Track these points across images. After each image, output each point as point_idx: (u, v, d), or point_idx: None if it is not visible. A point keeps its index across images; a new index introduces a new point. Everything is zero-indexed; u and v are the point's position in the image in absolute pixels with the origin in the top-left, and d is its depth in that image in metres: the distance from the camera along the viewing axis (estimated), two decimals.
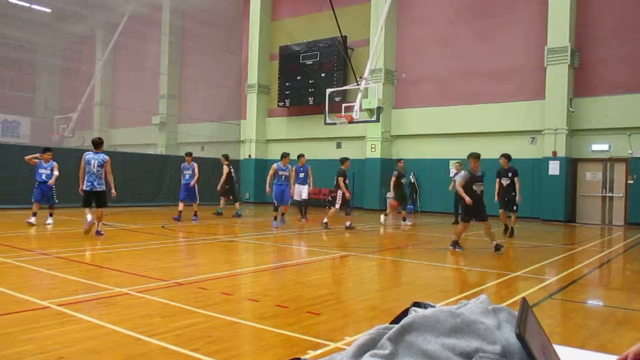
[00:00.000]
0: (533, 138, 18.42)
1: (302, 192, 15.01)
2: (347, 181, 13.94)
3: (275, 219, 13.59)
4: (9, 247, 8.61)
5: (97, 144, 10.86)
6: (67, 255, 7.96)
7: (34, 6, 28.06)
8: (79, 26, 30.43)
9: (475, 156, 9.60)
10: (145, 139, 28.57)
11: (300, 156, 15.13)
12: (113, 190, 10.70)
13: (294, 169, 14.78)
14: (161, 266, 7.32)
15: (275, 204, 13.79)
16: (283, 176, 13.87)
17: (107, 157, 10.64)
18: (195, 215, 15.09)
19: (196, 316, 4.62)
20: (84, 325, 4.25)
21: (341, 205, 13.76)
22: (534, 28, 18.29)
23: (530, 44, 18.34)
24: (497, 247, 9.37)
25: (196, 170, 15.22)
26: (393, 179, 15.16)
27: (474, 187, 9.43)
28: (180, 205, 15.00)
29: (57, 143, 25.25)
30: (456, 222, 15.70)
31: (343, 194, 13.70)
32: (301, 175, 14.92)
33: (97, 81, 29.17)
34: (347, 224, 13.67)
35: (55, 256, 7.80)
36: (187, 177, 15.20)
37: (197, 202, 15.37)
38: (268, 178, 14.03)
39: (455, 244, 9.65)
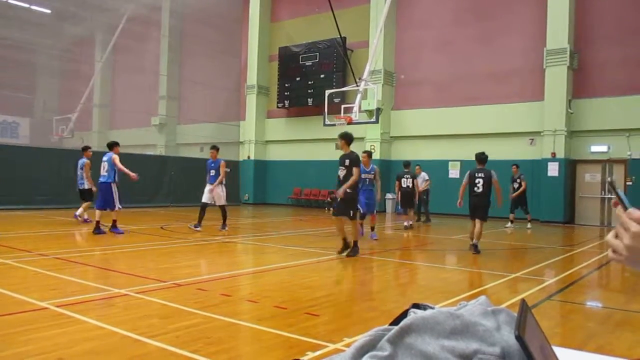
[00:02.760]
0: (532, 139, 18.44)
1: (214, 193, 12.77)
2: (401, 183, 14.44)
3: (373, 229, 11.76)
4: (8, 247, 8.60)
5: (82, 149, 13.80)
6: (66, 256, 7.95)
7: (33, 7, 28.04)
8: (78, 27, 30.40)
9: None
10: (144, 140, 28.54)
11: (211, 148, 13.28)
12: (93, 188, 12.85)
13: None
14: (160, 267, 7.31)
15: (362, 212, 11.08)
16: (367, 179, 11.34)
17: (85, 161, 13.40)
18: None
19: (195, 317, 4.61)
20: (83, 327, 4.24)
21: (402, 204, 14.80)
22: (533, 30, 18.31)
23: (529, 45, 18.36)
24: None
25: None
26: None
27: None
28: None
29: (57, 144, 25.21)
30: (419, 220, 16.70)
31: (399, 193, 14.65)
32: (212, 172, 12.80)
33: (96, 82, 29.13)
34: (407, 223, 14.57)
35: (54, 257, 7.80)
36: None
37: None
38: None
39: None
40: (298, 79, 23.89)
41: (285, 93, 24.43)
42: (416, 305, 1.35)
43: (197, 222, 12.45)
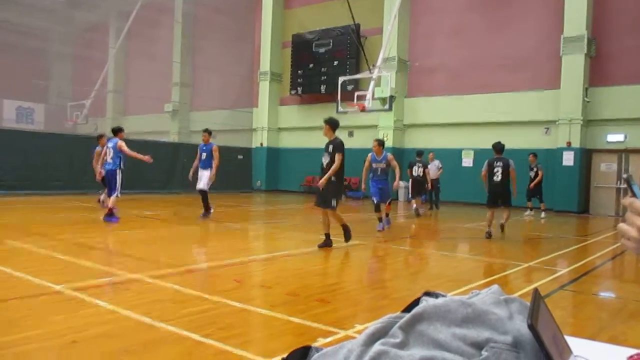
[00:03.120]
0: (547, 128, 18.23)
1: (202, 178, 12.29)
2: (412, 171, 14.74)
3: (380, 220, 10.95)
4: (24, 232, 8.72)
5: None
6: (81, 240, 8.05)
7: None
8: (92, 14, 30.52)
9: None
10: (157, 126, 28.69)
11: (204, 132, 12.63)
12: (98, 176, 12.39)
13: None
14: (173, 253, 7.37)
15: (375, 202, 10.95)
16: (379, 169, 10.91)
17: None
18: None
19: (207, 303, 4.65)
20: (97, 310, 4.30)
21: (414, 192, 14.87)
22: (550, 17, 18.03)
23: (545, 32, 18.09)
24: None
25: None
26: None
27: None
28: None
29: (71, 130, 25.44)
30: (431, 208, 16.98)
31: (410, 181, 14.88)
32: (203, 157, 12.28)
33: (110, 68, 29.29)
34: (415, 207, 14.65)
35: (69, 241, 7.90)
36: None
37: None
38: (363, 172, 11.21)
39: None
40: (311, 65, 23.80)
41: (298, 80, 24.36)
42: (428, 293, 1.35)
43: (204, 211, 12.11)
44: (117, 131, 11.67)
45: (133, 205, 14.91)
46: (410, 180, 14.85)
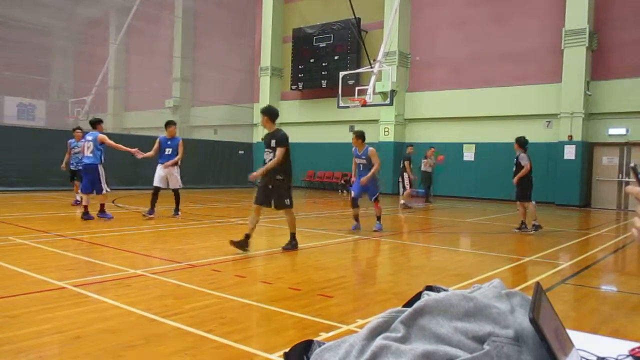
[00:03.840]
0: (549, 122, 18.20)
1: (168, 175, 11.34)
2: (411, 165, 15.42)
3: (356, 219, 10.02)
4: (26, 228, 8.74)
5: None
6: (83, 237, 8.06)
7: None
8: (92, 9, 30.47)
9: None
10: (158, 122, 28.61)
11: (168, 124, 11.52)
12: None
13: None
14: (175, 248, 7.39)
15: (352, 196, 10.18)
16: (360, 165, 10.02)
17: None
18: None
19: (210, 298, 4.67)
20: (100, 306, 4.31)
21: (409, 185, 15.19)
22: (551, 10, 17.96)
23: (547, 25, 18.02)
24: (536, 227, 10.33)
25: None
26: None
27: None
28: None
29: (72, 126, 25.38)
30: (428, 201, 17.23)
31: (408, 176, 15.21)
32: (168, 151, 11.29)
33: (110, 64, 29.24)
34: (405, 202, 15.03)
35: (71, 238, 7.92)
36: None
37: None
38: (352, 166, 10.40)
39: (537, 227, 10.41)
40: (312, 60, 23.75)
41: (299, 75, 24.33)
42: (429, 288, 1.35)
43: (150, 209, 10.97)
44: (96, 123, 11.00)
45: (133, 202, 14.94)
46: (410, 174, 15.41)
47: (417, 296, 1.28)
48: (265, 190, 7.48)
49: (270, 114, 7.92)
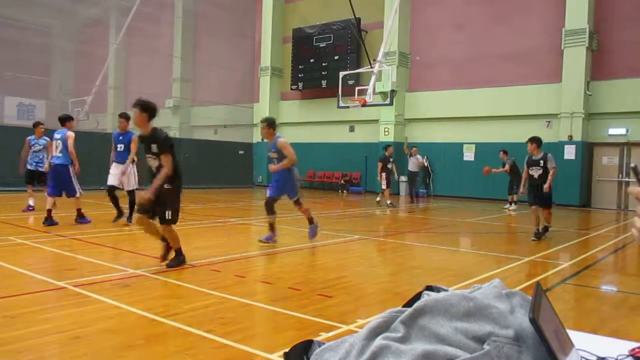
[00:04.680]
0: (549, 122, 18.19)
1: (127, 176, 9.89)
2: (389, 165, 15.35)
3: (271, 228, 8.22)
4: (26, 228, 8.74)
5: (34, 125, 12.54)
6: (83, 237, 8.06)
7: None
8: (93, 9, 30.47)
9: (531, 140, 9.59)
10: (158, 122, 28.40)
11: (121, 117, 10.10)
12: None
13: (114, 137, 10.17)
14: None
15: (267, 197, 8.61)
16: (275, 160, 8.70)
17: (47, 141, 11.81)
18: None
19: (210, 298, 4.67)
20: (100, 306, 4.31)
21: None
22: (551, 10, 17.96)
23: (547, 26, 18.02)
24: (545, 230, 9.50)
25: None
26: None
27: (531, 172, 9.40)
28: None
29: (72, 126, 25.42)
30: (412, 201, 17.23)
31: (386, 175, 15.19)
32: (120, 147, 10.02)
33: (111, 64, 29.24)
34: (387, 202, 15.16)
35: (72, 237, 7.92)
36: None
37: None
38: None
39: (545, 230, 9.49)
40: (312, 60, 23.76)
41: (299, 75, 24.33)
42: (429, 288, 1.35)
43: (117, 215, 9.91)
44: (65, 120, 10.11)
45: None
46: (384, 174, 15.39)
47: (417, 296, 1.28)
48: (155, 201, 5.98)
49: (143, 107, 6.30)
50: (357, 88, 19.02)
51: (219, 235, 9.17)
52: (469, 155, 19.87)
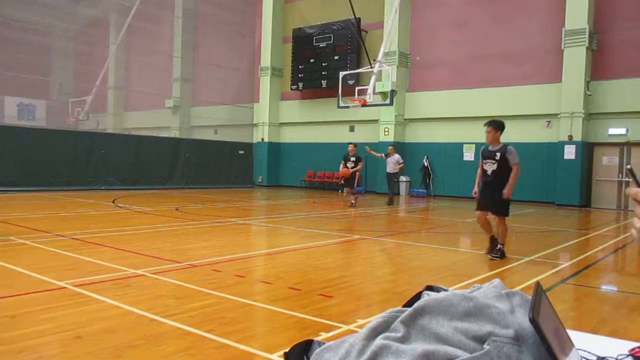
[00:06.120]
0: (549, 122, 18.20)
1: None
2: (348, 164, 14.83)
3: None
4: (26, 228, 8.75)
5: None
6: (83, 237, 8.07)
7: None
8: (92, 9, 30.48)
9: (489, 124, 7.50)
10: (159, 122, 28.72)
11: None
12: None
13: None
14: (175, 248, 7.39)
15: None
16: None
17: None
18: None
19: (210, 298, 4.67)
20: (100, 306, 4.32)
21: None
22: (551, 10, 17.97)
23: (547, 25, 18.03)
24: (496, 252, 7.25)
25: None
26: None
27: (484, 166, 7.38)
28: None
29: (72, 126, 25.47)
30: (391, 203, 16.31)
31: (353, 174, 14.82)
32: None
33: (111, 64, 29.25)
34: (353, 202, 14.92)
35: (71, 238, 7.92)
36: None
37: None
38: None
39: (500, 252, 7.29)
40: (312, 60, 23.77)
41: (299, 75, 24.34)
42: (430, 288, 1.35)
43: None
44: None
45: (134, 201, 14.94)
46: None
47: (417, 296, 1.28)
48: None
49: None
50: (357, 88, 19.04)
51: (219, 235, 9.17)
52: (469, 155, 19.87)
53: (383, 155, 16.91)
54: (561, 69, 17.47)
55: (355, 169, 14.79)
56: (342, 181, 15.11)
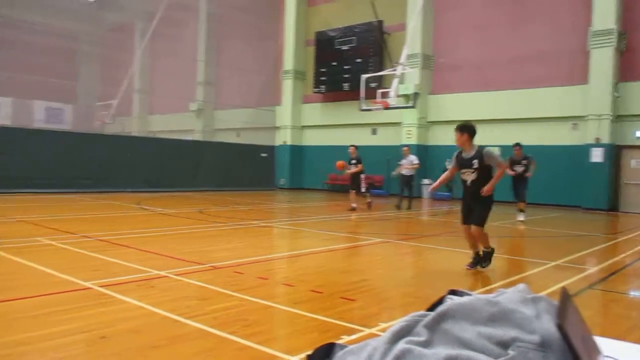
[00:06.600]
0: (575, 124, 17.89)
1: None
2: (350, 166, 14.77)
3: None
4: (53, 229, 8.91)
5: None
6: (108, 238, 8.19)
7: None
8: (118, 15, 31.04)
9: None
10: (182, 125, 29.06)
11: None
12: None
13: None
14: (198, 250, 7.45)
15: None
16: None
17: None
18: None
19: (232, 299, 4.69)
20: (125, 306, 4.37)
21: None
22: (577, 10, 17.68)
23: (573, 26, 17.74)
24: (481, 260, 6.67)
25: None
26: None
27: (462, 176, 6.65)
28: None
29: (99, 129, 25.93)
30: (399, 207, 15.54)
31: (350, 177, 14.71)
32: None
33: (136, 68, 29.72)
34: (353, 205, 14.57)
35: (97, 239, 8.04)
36: None
37: None
38: None
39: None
40: (334, 63, 23.80)
41: (322, 78, 24.39)
42: (453, 292, 1.34)
43: None
44: None
45: (158, 203, 15.12)
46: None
47: (441, 300, 1.27)
48: None
49: None
50: (379, 91, 18.97)
51: (241, 237, 9.22)
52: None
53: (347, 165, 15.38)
54: (588, 71, 17.16)
55: (355, 170, 14.60)
56: (353, 187, 14.77)
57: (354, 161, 14.71)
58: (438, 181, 6.85)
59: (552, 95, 18.17)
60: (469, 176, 6.46)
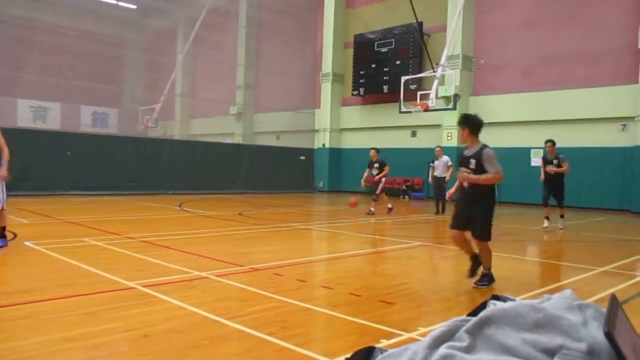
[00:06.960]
0: (624, 125, 17.27)
1: None
2: (373, 171, 14.40)
3: None
4: (99, 230, 9.19)
5: None
6: (151, 239, 8.38)
7: (120, 3, 29.64)
8: (161, 21, 31.81)
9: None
10: (223, 128, 29.49)
11: None
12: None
13: None
14: (238, 252, 7.54)
15: None
16: None
17: None
18: None
19: (271, 301, 4.73)
20: (167, 306, 4.46)
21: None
22: (627, 5, 17.07)
23: (623, 23, 17.13)
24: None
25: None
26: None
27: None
28: None
29: (142, 133, 26.59)
30: (437, 212, 14.99)
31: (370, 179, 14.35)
32: None
33: (178, 73, 30.35)
34: (372, 209, 14.10)
35: (140, 240, 8.24)
36: None
37: None
38: None
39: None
40: (373, 66, 23.72)
41: (360, 80, 24.35)
42: (496, 297, 1.31)
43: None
44: None
45: (199, 206, 15.38)
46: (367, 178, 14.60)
47: (483, 305, 1.24)
48: None
49: None
50: (419, 93, 18.80)
51: (281, 239, 9.28)
52: (536, 160, 19.15)
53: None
54: (638, 69, 16.55)
55: (381, 174, 14.25)
56: (371, 185, 14.51)
57: (376, 165, 14.37)
58: (454, 187, 6.20)
59: (599, 95, 17.59)
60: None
